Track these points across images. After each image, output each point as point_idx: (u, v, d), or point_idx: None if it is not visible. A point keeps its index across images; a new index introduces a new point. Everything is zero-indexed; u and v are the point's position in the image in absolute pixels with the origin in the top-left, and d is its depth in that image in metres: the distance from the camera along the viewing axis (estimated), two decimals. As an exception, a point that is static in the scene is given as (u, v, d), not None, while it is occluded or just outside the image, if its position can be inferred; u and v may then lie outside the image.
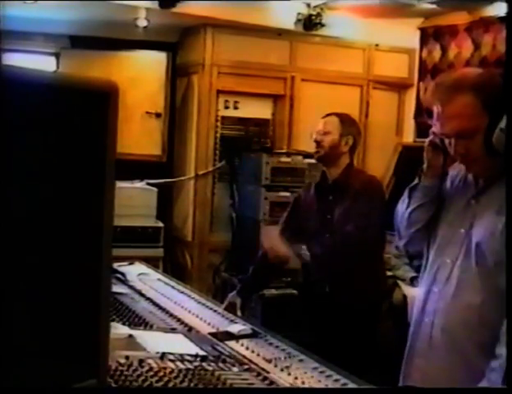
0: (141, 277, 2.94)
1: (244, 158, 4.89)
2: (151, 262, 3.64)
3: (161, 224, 4.90)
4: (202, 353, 1.86)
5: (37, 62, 5.03)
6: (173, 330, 2.13)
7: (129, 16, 4.69)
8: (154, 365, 1.67)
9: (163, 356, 1.75)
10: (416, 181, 1.97)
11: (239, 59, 5.00)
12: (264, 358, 1.89)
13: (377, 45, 5.40)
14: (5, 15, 3.40)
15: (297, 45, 5.17)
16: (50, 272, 0.92)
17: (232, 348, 1.97)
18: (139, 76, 5.25)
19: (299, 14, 4.91)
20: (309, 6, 4.90)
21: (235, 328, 2.15)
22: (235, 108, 5.15)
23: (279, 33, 5.05)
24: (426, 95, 5.24)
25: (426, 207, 1.95)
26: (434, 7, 4.86)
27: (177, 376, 1.62)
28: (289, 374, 1.76)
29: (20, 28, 4.57)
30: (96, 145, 0.96)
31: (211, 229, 5.09)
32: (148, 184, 5.01)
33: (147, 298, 2.53)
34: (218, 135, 5.08)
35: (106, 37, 5.05)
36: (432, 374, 1.89)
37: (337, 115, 3.09)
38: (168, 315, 2.30)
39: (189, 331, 2.13)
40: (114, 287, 2.53)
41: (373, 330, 3.05)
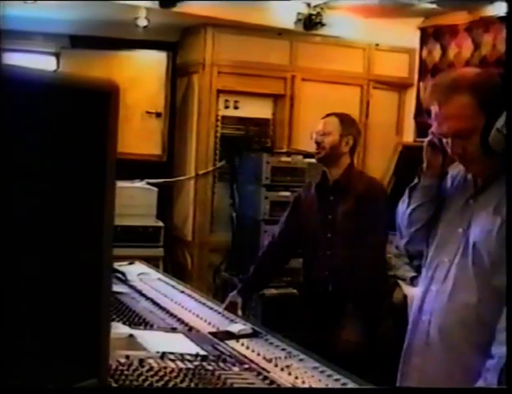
0: (141, 277, 2.94)
1: (244, 158, 4.89)
2: (151, 261, 3.65)
3: (161, 224, 4.90)
4: (202, 352, 1.86)
5: (37, 62, 5.01)
6: (173, 330, 2.13)
7: (129, 16, 4.68)
8: (155, 365, 1.67)
9: (164, 356, 1.75)
10: (416, 181, 1.98)
11: (239, 59, 5.00)
12: (264, 357, 1.89)
13: (377, 45, 5.38)
14: (5, 15, 3.39)
15: (297, 45, 5.16)
16: (51, 271, 0.92)
17: (233, 348, 1.97)
18: (140, 76, 5.25)
19: (300, 14, 4.90)
20: (309, 5, 4.89)
21: (236, 328, 2.15)
22: (236, 108, 5.14)
23: (279, 32, 5.04)
24: (424, 95, 5.24)
25: (426, 206, 1.96)
26: (434, 7, 4.86)
27: (177, 375, 1.62)
28: (289, 374, 1.76)
29: (20, 28, 4.55)
30: (96, 145, 0.96)
31: (211, 229, 5.08)
32: (148, 183, 5.01)
33: (147, 298, 2.53)
34: (218, 135, 5.07)
35: (106, 36, 5.05)
36: (429, 373, 1.89)
37: (337, 115, 3.08)
38: (168, 315, 2.30)
39: (189, 330, 2.13)
40: (114, 287, 2.52)
41: (374, 330, 3.05)
